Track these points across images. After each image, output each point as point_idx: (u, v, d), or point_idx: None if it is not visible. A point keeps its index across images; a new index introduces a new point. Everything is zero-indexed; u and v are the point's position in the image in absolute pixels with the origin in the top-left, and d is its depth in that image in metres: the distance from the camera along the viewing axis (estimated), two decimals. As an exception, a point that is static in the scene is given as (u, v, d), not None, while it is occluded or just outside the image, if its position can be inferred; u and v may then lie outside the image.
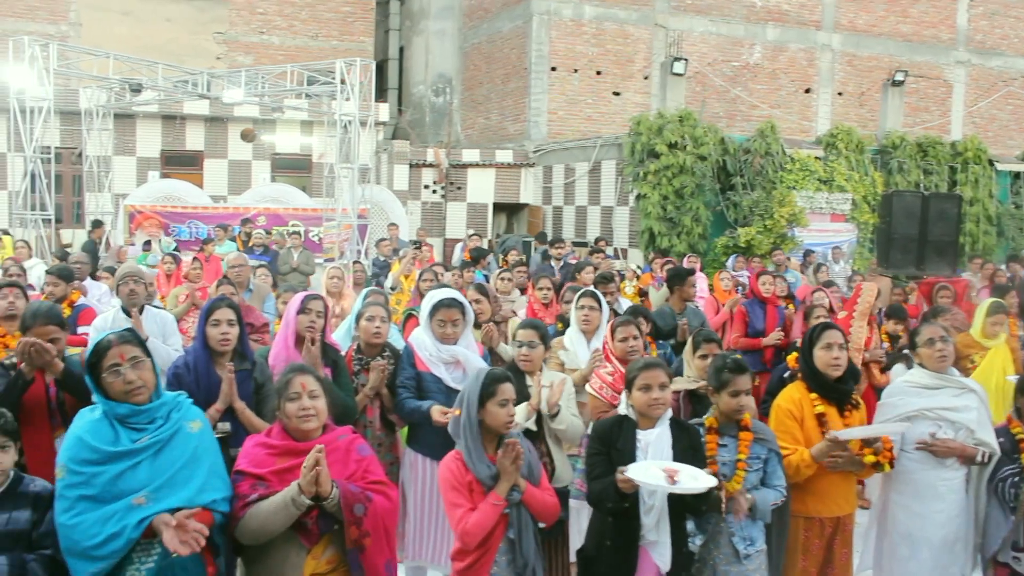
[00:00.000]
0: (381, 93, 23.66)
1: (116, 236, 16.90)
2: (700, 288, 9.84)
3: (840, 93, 24.74)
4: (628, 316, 5.39)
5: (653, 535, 3.75)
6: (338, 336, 5.43)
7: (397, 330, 6.15)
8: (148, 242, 14.91)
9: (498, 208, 22.20)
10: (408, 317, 6.33)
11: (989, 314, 6.19)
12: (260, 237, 13.96)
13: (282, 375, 3.43)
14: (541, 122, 22.04)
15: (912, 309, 9.40)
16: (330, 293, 7.78)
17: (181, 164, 20.51)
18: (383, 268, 12.30)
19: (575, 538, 4.53)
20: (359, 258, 14.24)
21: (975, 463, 4.47)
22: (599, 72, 22.58)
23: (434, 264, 9.25)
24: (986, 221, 18.75)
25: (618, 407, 4.53)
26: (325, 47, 23.53)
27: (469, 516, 3.47)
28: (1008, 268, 13.16)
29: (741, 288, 10.50)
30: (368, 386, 4.85)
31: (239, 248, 13.29)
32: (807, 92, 24.47)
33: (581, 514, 4.65)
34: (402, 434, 5.10)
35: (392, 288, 9.85)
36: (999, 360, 6.04)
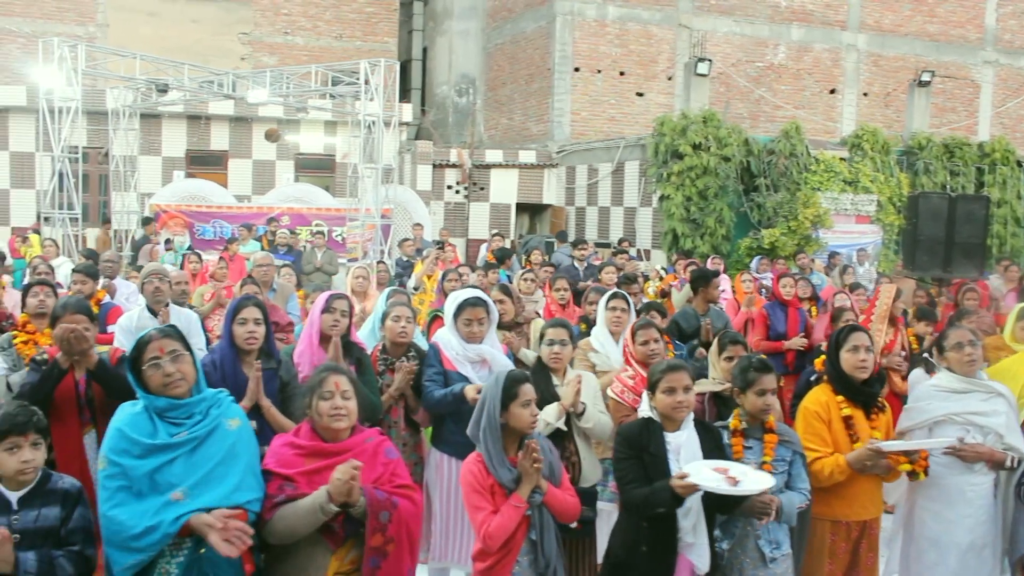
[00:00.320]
0: (404, 93, 23.73)
1: (139, 235, 17.05)
2: (723, 290, 9.79)
3: (865, 94, 24.57)
4: (647, 319, 5.38)
5: (691, 537, 3.73)
6: (362, 336, 5.44)
7: (420, 332, 6.15)
8: (169, 240, 15.03)
9: (521, 209, 22.19)
10: (433, 319, 6.33)
11: (1020, 318, 6.12)
12: (284, 237, 14.02)
13: (316, 373, 3.44)
14: (564, 123, 22.02)
15: (946, 309, 9.29)
16: (355, 293, 7.79)
17: (206, 164, 20.63)
18: (406, 268, 12.33)
19: (603, 539, 4.52)
20: (382, 258, 14.27)
21: (1004, 468, 4.43)
22: (622, 73, 22.54)
23: (461, 265, 9.27)
24: (1014, 223, 18.57)
25: (639, 409, 4.52)
26: (349, 47, 23.63)
27: (491, 519, 3.48)
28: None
29: (765, 291, 10.44)
30: (393, 387, 4.86)
31: (264, 248, 13.35)
32: (832, 93, 24.32)
33: (611, 516, 4.64)
34: (426, 434, 5.12)
35: (415, 288, 9.86)
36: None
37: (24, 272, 10.64)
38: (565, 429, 4.47)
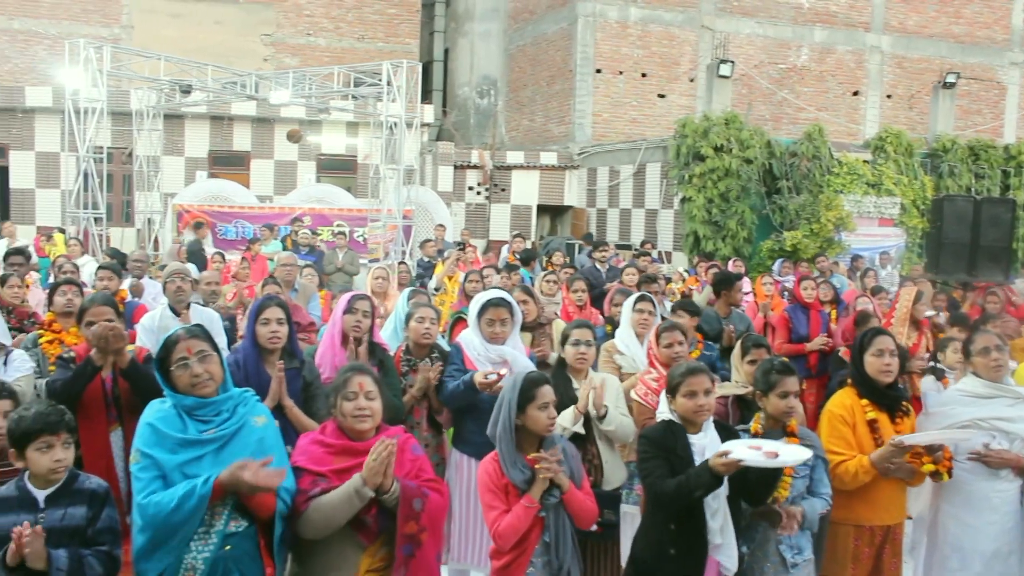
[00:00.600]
0: (426, 95, 23.79)
1: (164, 235, 17.18)
2: (746, 292, 9.76)
3: (889, 96, 24.41)
4: (672, 321, 5.37)
5: (719, 538, 3.71)
6: (383, 336, 5.45)
7: (441, 335, 6.16)
8: (196, 241, 15.10)
9: (542, 210, 22.19)
10: (456, 321, 6.34)
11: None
12: (306, 237, 14.05)
13: (341, 373, 3.46)
14: (586, 124, 22.00)
15: (972, 313, 9.21)
16: (375, 293, 7.79)
17: (228, 164, 20.76)
18: (427, 269, 12.35)
19: (626, 543, 4.50)
20: (404, 259, 14.30)
21: (1031, 474, 4.38)
22: (644, 74, 22.50)
23: (486, 266, 9.26)
24: (1041, 226, 18.36)
25: (657, 412, 4.50)
26: (371, 49, 23.69)
27: (502, 518, 3.49)
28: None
29: (787, 293, 10.39)
30: (415, 387, 4.87)
31: (287, 248, 13.38)
32: (855, 95, 24.18)
33: (634, 520, 4.62)
34: (448, 435, 5.13)
35: (436, 289, 9.86)
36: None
37: (49, 271, 10.72)
38: (583, 432, 4.46)
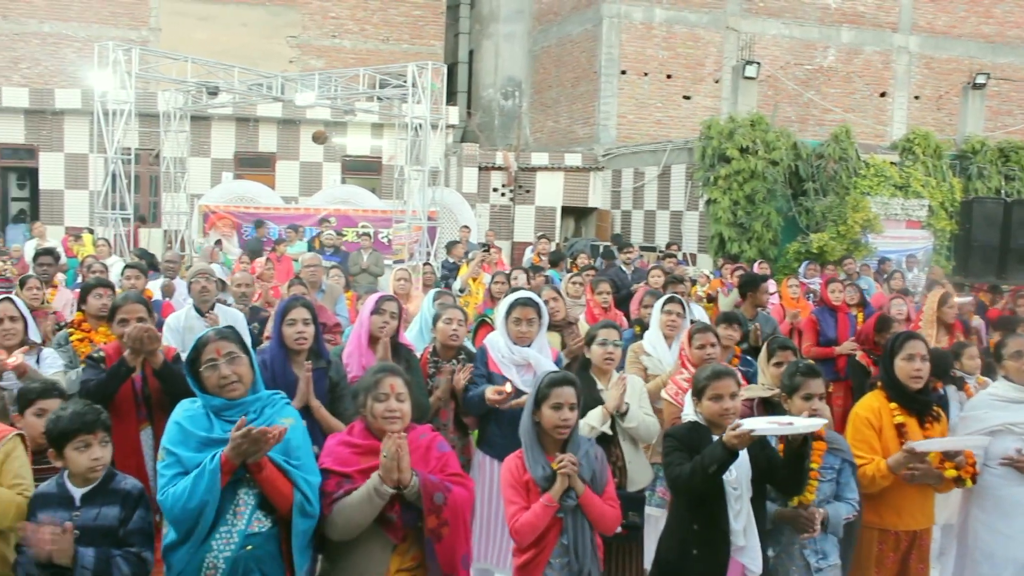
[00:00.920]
0: (450, 96, 23.84)
1: (190, 236, 17.31)
2: (773, 293, 9.70)
3: (917, 97, 24.20)
4: (704, 323, 5.36)
5: (741, 540, 3.68)
6: (408, 338, 5.46)
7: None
8: (219, 241, 15.20)
9: (566, 212, 22.17)
10: (480, 324, 6.34)
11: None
12: (331, 238, 14.08)
13: (371, 373, 3.45)
14: (610, 126, 21.96)
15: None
16: (397, 295, 7.79)
17: (254, 165, 20.89)
18: (452, 270, 12.36)
19: (650, 545, 4.48)
20: (428, 260, 14.33)
21: (1064, 480, 4.31)
22: (669, 75, 22.43)
23: (515, 268, 9.26)
24: (1071, 229, 18.11)
25: (683, 413, 4.49)
26: (396, 50, 23.77)
27: (521, 514, 3.50)
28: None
29: (812, 296, 10.32)
30: (441, 389, 4.88)
31: (313, 249, 13.43)
32: (882, 96, 23.99)
33: (659, 522, 4.61)
34: (474, 436, 5.13)
35: (460, 291, 9.87)
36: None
37: (77, 271, 10.82)
38: (610, 433, 4.45)
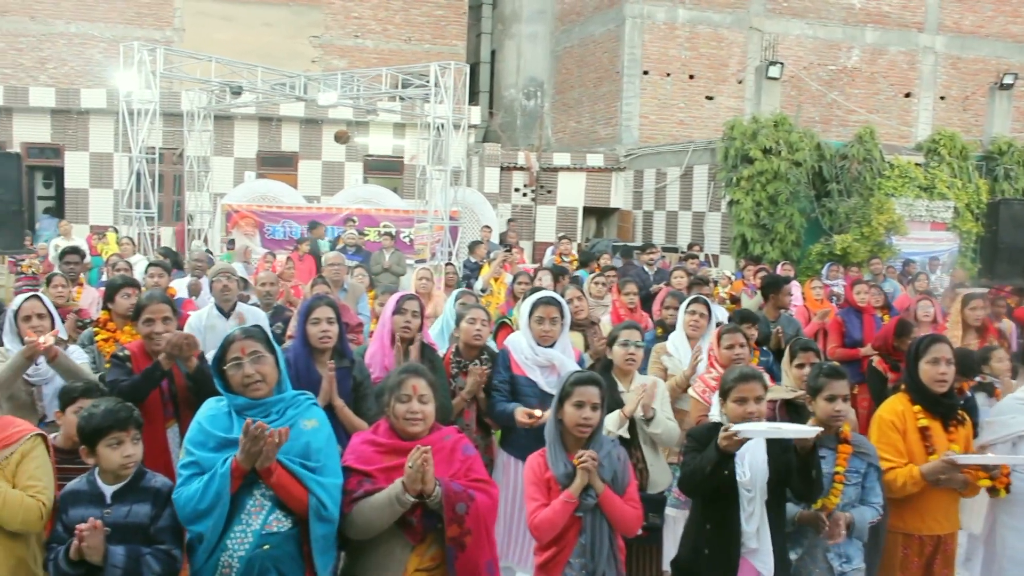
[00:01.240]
0: (472, 96, 23.83)
1: (213, 234, 17.41)
2: (794, 296, 9.64)
3: (942, 97, 23.98)
4: (735, 324, 5.34)
5: (754, 542, 3.68)
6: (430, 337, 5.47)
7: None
8: (232, 241, 15.31)
9: (588, 212, 22.13)
10: (500, 326, 6.33)
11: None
12: (352, 237, 14.10)
13: (396, 373, 3.46)
14: (632, 126, 21.90)
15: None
16: (419, 294, 7.80)
17: (276, 165, 20.99)
18: (473, 270, 12.35)
19: (670, 547, 4.48)
20: (450, 259, 14.33)
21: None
22: (692, 76, 22.35)
23: (540, 268, 9.25)
24: (1099, 231, 17.89)
25: (709, 413, 4.48)
26: (418, 50, 23.80)
27: (541, 511, 3.51)
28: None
29: (836, 298, 10.25)
30: (465, 390, 4.87)
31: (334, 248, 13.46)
32: (907, 96, 23.80)
33: (678, 523, 4.60)
34: (497, 436, 5.13)
35: (482, 290, 9.87)
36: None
37: (101, 269, 10.90)
38: (628, 436, 4.44)
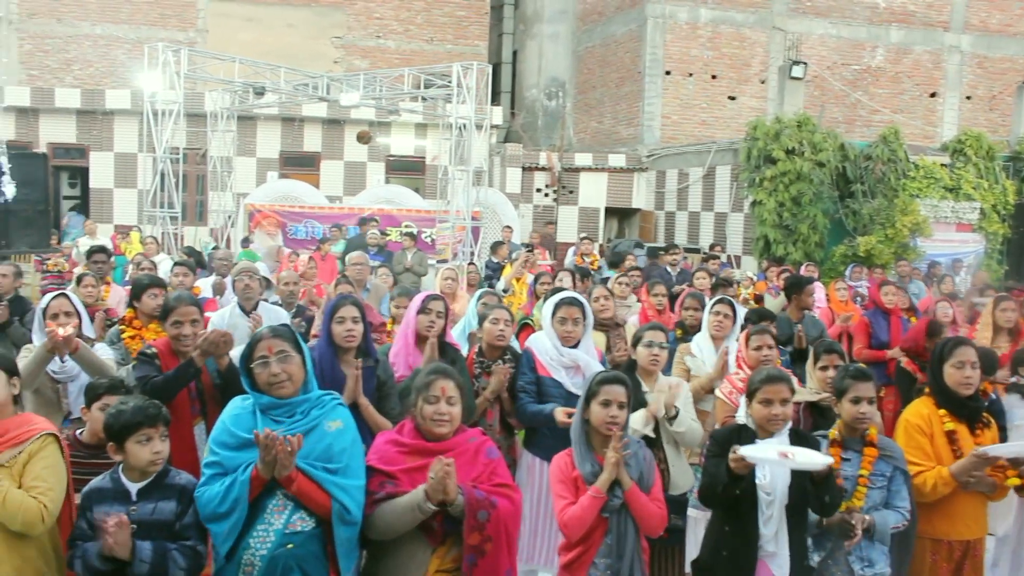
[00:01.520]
0: (494, 97, 23.86)
1: (236, 234, 17.51)
2: (817, 298, 9.57)
3: (968, 97, 23.78)
4: (763, 325, 5.31)
5: (772, 546, 3.67)
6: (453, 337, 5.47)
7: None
8: (246, 239, 15.42)
9: (610, 213, 22.11)
10: (523, 327, 6.33)
11: None
12: (375, 238, 14.12)
13: (425, 373, 3.47)
14: (654, 126, 21.86)
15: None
16: (444, 294, 7.81)
17: (299, 165, 21.09)
18: (495, 270, 12.36)
19: (692, 548, 4.47)
20: (472, 260, 14.35)
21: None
22: (714, 76, 22.29)
23: (562, 268, 9.23)
24: None
25: (736, 415, 4.46)
26: (440, 51, 23.86)
27: (569, 509, 3.53)
28: None
29: (860, 299, 10.17)
30: (489, 390, 4.87)
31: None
32: (932, 96, 23.62)
33: (700, 524, 4.60)
34: (520, 437, 5.13)
35: (504, 291, 9.88)
36: None
37: (125, 268, 10.97)
38: (653, 436, 4.44)
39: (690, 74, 22.12)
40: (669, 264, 11.82)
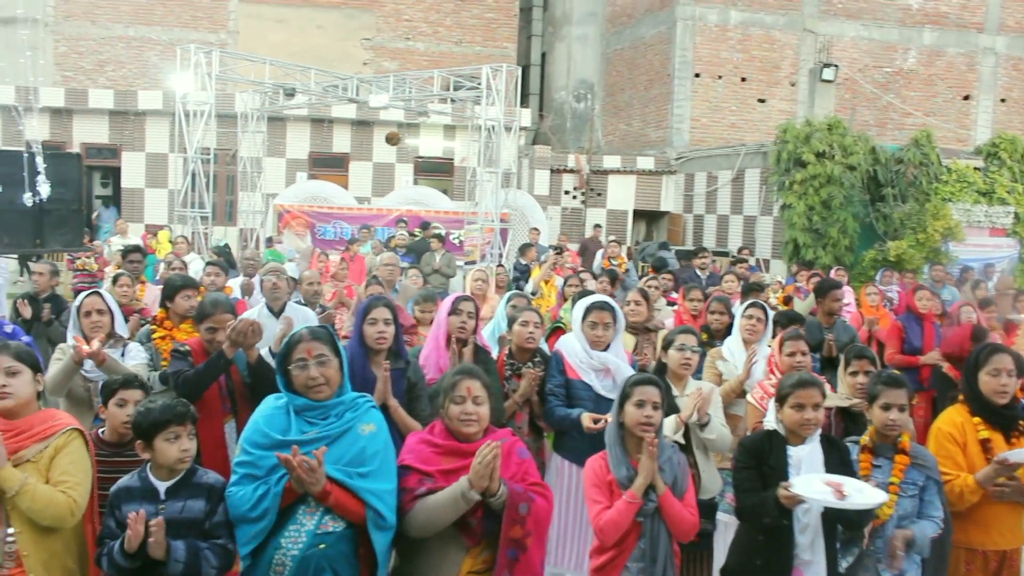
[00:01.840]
0: (523, 99, 23.87)
1: (265, 234, 17.63)
2: (847, 302, 9.48)
3: (1003, 100, 23.49)
4: (797, 330, 5.26)
5: (808, 554, 3.65)
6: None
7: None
8: (270, 239, 15.50)
9: (638, 215, 22.06)
10: (552, 331, 6.32)
11: None
12: (403, 239, 14.15)
13: (451, 375, 3.46)
14: (683, 129, 21.78)
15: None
16: (474, 295, 7.82)
17: (328, 166, 21.22)
18: (523, 272, 12.35)
19: (720, 553, 4.45)
20: (501, 261, 14.35)
21: None
22: (744, 78, 22.17)
23: (582, 269, 9.21)
24: None
25: (764, 420, 4.43)
26: (468, 53, 23.92)
27: (604, 513, 3.50)
28: None
29: (889, 303, 10.08)
30: (519, 392, 4.86)
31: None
32: (966, 99, 23.35)
33: (729, 529, 4.57)
34: (549, 439, 5.12)
35: (532, 293, 9.88)
36: None
37: (156, 267, 11.07)
38: (683, 442, 4.42)
39: (719, 76, 22.02)
40: (699, 268, 11.77)
